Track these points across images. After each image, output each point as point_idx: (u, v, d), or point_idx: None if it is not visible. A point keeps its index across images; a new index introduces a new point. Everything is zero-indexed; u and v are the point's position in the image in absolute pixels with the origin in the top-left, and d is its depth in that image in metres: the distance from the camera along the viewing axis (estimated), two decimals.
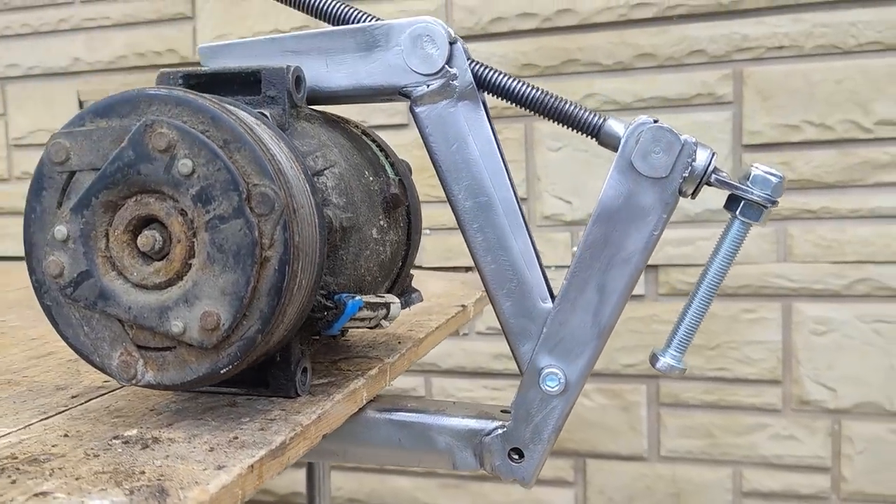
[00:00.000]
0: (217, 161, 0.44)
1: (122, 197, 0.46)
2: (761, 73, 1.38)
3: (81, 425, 0.49)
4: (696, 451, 1.47)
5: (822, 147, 1.37)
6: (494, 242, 0.55)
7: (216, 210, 0.44)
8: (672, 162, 0.51)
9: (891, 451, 1.38)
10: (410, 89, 0.54)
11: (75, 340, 0.48)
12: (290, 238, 0.44)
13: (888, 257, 1.35)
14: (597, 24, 1.44)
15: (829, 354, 1.40)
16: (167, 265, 0.46)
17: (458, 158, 0.55)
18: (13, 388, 0.58)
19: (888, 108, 1.33)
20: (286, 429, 0.48)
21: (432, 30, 0.53)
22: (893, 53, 1.33)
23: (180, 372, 0.47)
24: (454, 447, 0.57)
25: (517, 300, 0.55)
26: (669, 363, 0.55)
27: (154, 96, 0.46)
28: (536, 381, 0.55)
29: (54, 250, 0.47)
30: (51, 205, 0.47)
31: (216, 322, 0.44)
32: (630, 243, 0.52)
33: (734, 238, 0.53)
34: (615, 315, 0.54)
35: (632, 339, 1.48)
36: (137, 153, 0.45)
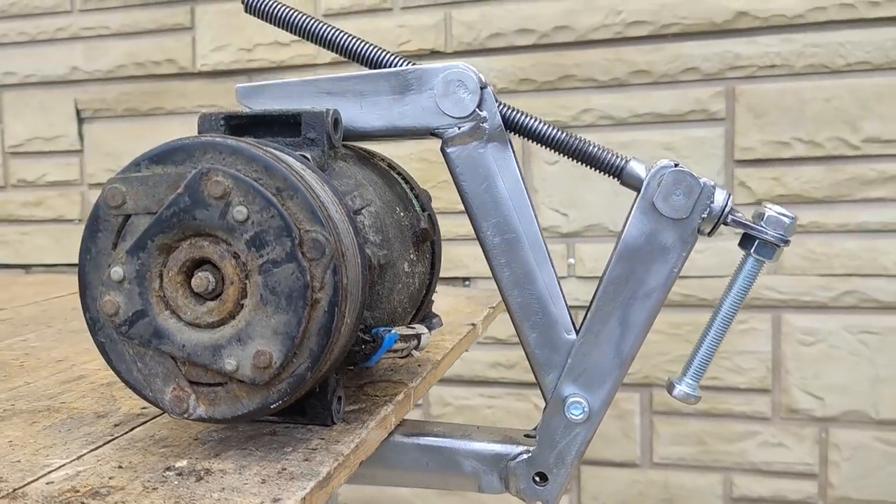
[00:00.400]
0: (271, 208, 0.46)
1: (176, 240, 0.48)
2: (753, 90, 1.42)
3: (132, 456, 0.51)
4: (688, 458, 1.51)
5: (812, 163, 1.42)
6: (521, 277, 0.57)
7: (269, 254, 0.46)
8: (692, 204, 0.54)
9: (876, 458, 1.43)
10: (442, 131, 0.57)
11: (128, 375, 0.50)
12: (339, 281, 0.47)
13: (874, 270, 1.40)
14: (593, 40, 1.47)
15: (817, 364, 1.44)
16: (220, 305, 0.48)
17: (486, 197, 0.57)
18: (55, 416, 0.60)
19: (875, 126, 1.38)
20: (329, 459, 0.50)
21: (464, 75, 0.56)
22: (881, 73, 1.37)
23: (231, 407, 0.49)
24: (480, 471, 0.60)
25: (542, 332, 0.58)
26: (685, 391, 0.58)
27: (209, 144, 0.48)
28: (561, 410, 0.57)
29: (110, 290, 0.49)
30: (106, 246, 0.49)
31: (269, 360, 0.47)
32: (651, 279, 0.55)
33: (748, 274, 0.56)
34: (636, 347, 0.57)
35: None
36: (193, 199, 0.47)
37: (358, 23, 1.58)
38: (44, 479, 0.48)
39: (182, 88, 1.70)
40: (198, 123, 0.56)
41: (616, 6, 1.45)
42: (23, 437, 0.56)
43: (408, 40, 1.56)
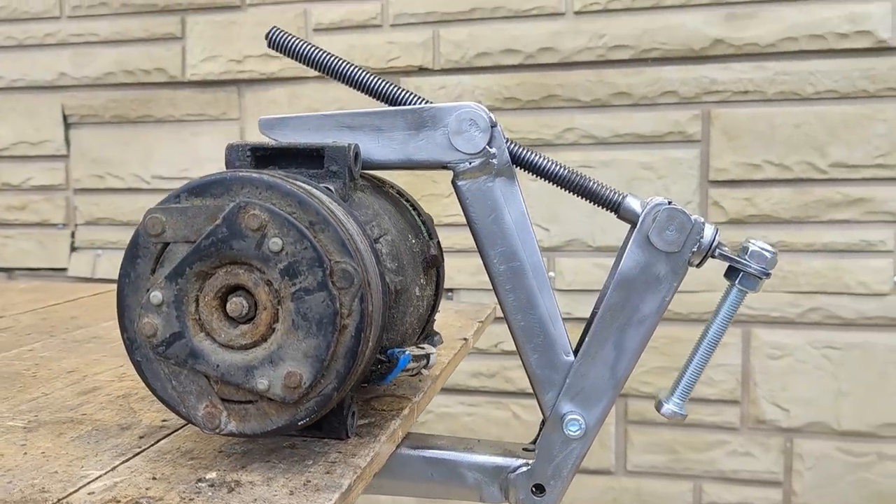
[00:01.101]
0: (304, 241, 0.50)
1: (213, 267, 0.52)
2: (727, 114, 1.49)
3: (163, 467, 0.55)
4: (660, 466, 1.57)
5: (781, 185, 1.49)
6: (524, 302, 0.62)
7: (302, 283, 0.50)
8: (684, 239, 0.59)
9: (837, 467, 1.50)
10: (454, 165, 0.61)
11: (163, 392, 0.53)
12: (365, 308, 0.51)
13: (838, 289, 1.47)
14: (577, 62, 1.53)
15: (784, 377, 1.51)
16: (253, 329, 0.52)
17: (494, 228, 0.62)
18: (80, 428, 0.63)
19: (842, 152, 1.45)
20: (349, 472, 0.54)
21: (476, 115, 0.60)
22: (848, 101, 1.45)
23: (261, 423, 0.53)
24: (482, 482, 0.64)
25: (543, 353, 0.62)
26: (673, 409, 0.63)
27: (246, 179, 0.52)
28: (559, 426, 0.62)
29: (149, 313, 0.52)
30: (144, 271, 0.53)
31: (298, 381, 0.51)
32: (645, 307, 0.60)
33: (732, 303, 0.62)
34: (629, 369, 0.61)
35: None
36: (231, 231, 0.51)
37: (348, 38, 1.62)
38: (84, 489, 0.51)
39: (171, 97, 1.73)
40: (225, 153, 0.60)
41: (599, 30, 1.51)
42: (54, 448, 0.59)
43: (397, 56, 1.60)
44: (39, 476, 0.53)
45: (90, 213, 1.79)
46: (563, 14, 1.53)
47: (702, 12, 1.47)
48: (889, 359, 1.47)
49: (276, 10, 1.65)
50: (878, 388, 1.47)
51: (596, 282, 1.54)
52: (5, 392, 0.73)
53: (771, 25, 1.45)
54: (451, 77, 1.57)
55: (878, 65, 1.43)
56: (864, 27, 1.42)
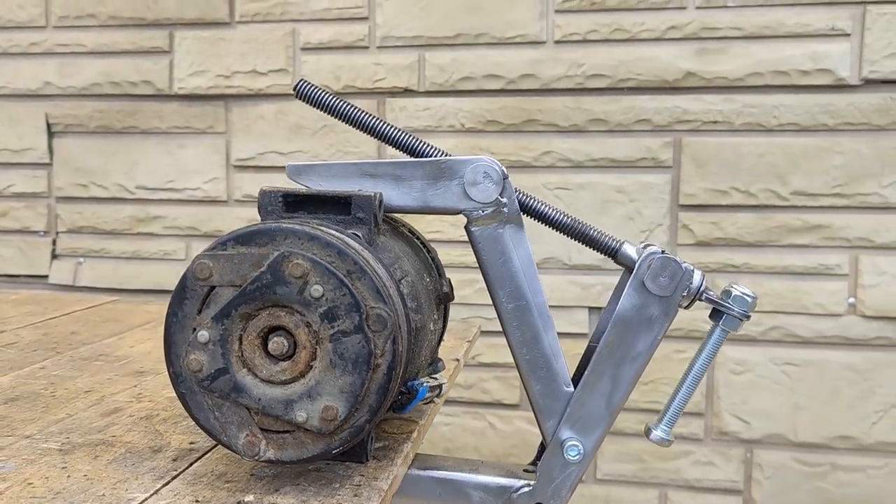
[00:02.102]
0: (343, 288, 0.55)
1: (256, 309, 0.57)
2: (697, 142, 1.57)
3: (202, 490, 0.60)
4: (629, 475, 1.65)
5: (746, 211, 1.58)
6: (530, 337, 0.68)
7: (340, 326, 0.56)
8: (675, 284, 0.66)
9: (793, 477, 1.59)
10: (468, 213, 0.67)
11: (205, 422, 0.58)
12: (397, 349, 0.56)
13: (797, 309, 1.57)
14: (556, 89, 1.60)
15: (745, 391, 1.60)
16: (292, 366, 0.57)
17: (503, 270, 0.68)
18: (113, 450, 0.67)
19: (802, 181, 1.55)
20: (374, 494, 0.60)
21: (490, 168, 0.66)
22: (808, 134, 1.54)
23: (297, 451, 0.58)
24: (486, 501, 0.70)
25: (545, 384, 0.68)
26: (661, 436, 0.70)
27: (289, 231, 0.57)
28: (559, 451, 0.68)
29: (195, 350, 0.57)
30: (191, 311, 0.58)
31: (335, 414, 0.56)
32: (639, 345, 0.67)
33: (715, 342, 0.68)
34: (624, 400, 0.68)
35: None
36: (275, 277, 0.56)
37: (335, 58, 1.66)
38: None
39: (158, 109, 1.75)
40: (258, 198, 0.65)
41: (578, 60, 1.58)
42: (94, 470, 0.63)
43: (383, 78, 1.65)
44: (89, 499, 0.57)
45: (72, 222, 1.81)
46: (544, 43, 1.60)
47: (675, 46, 1.55)
48: (842, 375, 1.56)
49: (266, 29, 1.69)
50: (832, 402, 1.57)
51: (571, 298, 1.61)
52: (31, 413, 0.77)
53: (739, 61, 1.54)
54: (436, 99, 1.63)
55: (837, 101, 1.52)
56: (824, 66, 1.51)
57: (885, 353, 1.56)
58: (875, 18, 1.49)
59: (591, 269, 1.62)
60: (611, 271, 1.61)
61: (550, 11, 1.59)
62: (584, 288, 1.61)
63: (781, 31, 1.52)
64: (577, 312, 1.62)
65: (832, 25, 1.51)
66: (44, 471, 0.62)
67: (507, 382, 1.67)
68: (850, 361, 1.56)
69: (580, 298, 1.61)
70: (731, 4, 1.53)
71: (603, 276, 1.61)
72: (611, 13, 1.56)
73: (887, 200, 1.53)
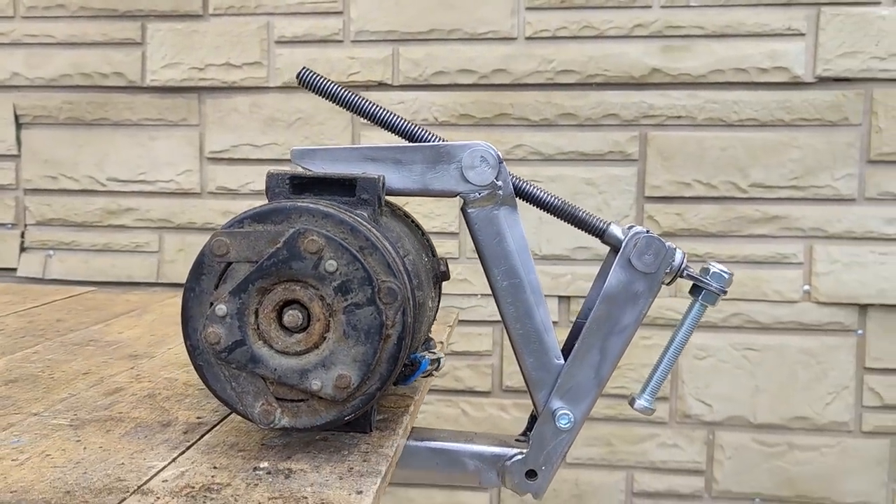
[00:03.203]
0: (356, 263, 0.59)
1: (272, 284, 0.60)
2: (662, 137, 1.64)
3: (217, 459, 0.62)
4: (597, 458, 1.71)
5: (708, 202, 1.64)
6: (523, 313, 0.72)
7: (353, 299, 0.59)
8: (659, 262, 0.70)
9: (753, 457, 1.67)
10: (465, 195, 0.71)
11: (222, 393, 0.61)
12: (406, 320, 0.60)
13: (757, 296, 1.64)
14: (527, 84, 1.64)
15: (708, 376, 1.67)
16: (307, 337, 0.60)
17: (498, 249, 0.72)
18: (124, 425, 0.69)
19: (761, 174, 1.62)
20: (382, 460, 0.63)
21: (487, 153, 0.70)
22: (767, 129, 1.61)
23: (311, 418, 0.61)
24: (481, 469, 0.74)
25: (538, 357, 0.72)
26: (644, 404, 0.74)
27: (304, 209, 0.60)
28: (551, 420, 0.72)
29: (213, 323, 0.60)
30: (208, 286, 0.60)
31: (348, 382, 0.59)
32: (625, 319, 0.71)
33: (695, 316, 0.73)
34: (611, 371, 0.72)
35: None
36: (291, 253, 0.59)
37: (310, 51, 1.69)
38: (156, 478, 0.58)
39: (129, 101, 1.75)
40: (266, 179, 0.67)
41: (548, 56, 1.63)
42: (108, 443, 0.65)
43: (357, 71, 1.67)
44: (109, 467, 0.60)
45: (42, 214, 1.80)
46: (516, 39, 1.64)
47: (642, 43, 1.61)
48: (799, 359, 1.64)
49: (240, 21, 1.70)
50: (790, 385, 1.65)
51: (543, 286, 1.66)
52: (33, 393, 0.78)
53: (702, 59, 1.60)
54: (410, 93, 1.66)
55: (793, 97, 1.60)
56: (781, 64, 1.59)
57: (837, 338, 1.64)
58: (829, 19, 1.57)
59: (561, 260, 1.67)
60: (580, 262, 1.66)
61: (521, 8, 1.63)
62: (555, 278, 1.66)
63: (741, 31, 1.59)
64: (547, 302, 1.67)
65: (788, 25, 1.58)
66: (59, 444, 0.64)
67: (479, 370, 1.71)
68: (805, 346, 1.64)
69: (550, 288, 1.66)
70: (694, 4, 1.60)
71: (573, 266, 1.66)
72: (580, 11, 1.62)
73: (839, 192, 1.61)
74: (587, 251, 1.66)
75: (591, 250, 1.66)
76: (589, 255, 1.67)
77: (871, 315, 1.63)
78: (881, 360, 1.63)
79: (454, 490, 1.71)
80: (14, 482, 0.56)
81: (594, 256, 1.67)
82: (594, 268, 1.70)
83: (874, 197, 1.61)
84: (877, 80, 1.58)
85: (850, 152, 1.60)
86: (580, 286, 1.66)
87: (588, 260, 1.67)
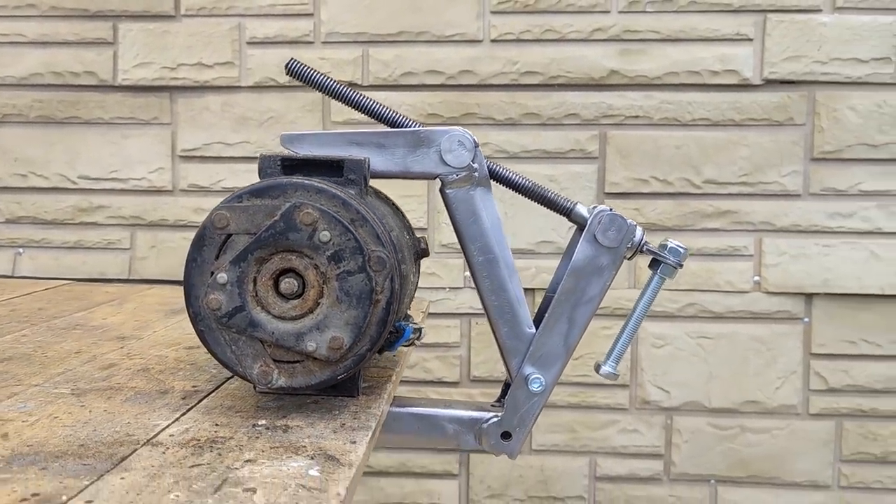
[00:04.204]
0: (348, 233, 0.64)
1: (269, 254, 0.65)
2: (621, 135, 1.72)
3: (218, 418, 0.67)
4: (561, 444, 1.77)
5: (664, 198, 1.73)
6: (497, 286, 0.78)
7: (345, 266, 0.64)
8: (621, 237, 0.77)
9: (708, 440, 1.75)
10: (444, 177, 0.77)
11: (223, 356, 0.66)
12: (394, 286, 0.65)
13: (710, 287, 1.73)
14: (493, 85, 1.71)
15: (665, 363, 1.75)
16: (302, 303, 0.65)
17: (474, 227, 0.77)
18: (123, 393, 0.73)
19: (713, 171, 1.71)
20: (371, 418, 0.68)
21: (464, 137, 0.76)
22: (718, 128, 1.70)
23: (306, 378, 0.66)
24: (460, 432, 0.80)
25: (511, 327, 0.78)
26: (608, 370, 0.81)
27: (299, 185, 0.65)
28: (524, 384, 0.78)
29: (214, 290, 0.64)
30: (209, 257, 0.65)
31: (341, 343, 0.64)
32: (591, 290, 0.78)
33: (654, 288, 0.80)
34: (578, 339, 0.79)
35: None
36: (287, 225, 0.64)
37: (281, 52, 1.73)
38: (163, 433, 0.63)
39: (101, 100, 1.77)
40: (259, 161, 0.72)
41: (513, 58, 1.70)
42: (111, 407, 0.69)
43: (328, 72, 1.72)
44: (117, 426, 0.64)
45: (11, 212, 1.81)
46: (481, 41, 1.71)
47: (601, 47, 1.69)
48: (749, 346, 1.73)
49: (211, 22, 1.74)
50: (741, 371, 1.74)
51: None
52: (30, 369, 0.81)
53: (658, 61, 1.69)
54: (379, 93, 1.71)
55: (742, 99, 1.70)
56: (731, 67, 1.68)
57: (786, 326, 1.74)
58: (774, 25, 1.67)
59: (525, 253, 1.74)
60: (543, 255, 1.73)
61: (487, 12, 1.70)
62: (519, 271, 1.72)
63: (694, 35, 1.68)
64: None
65: (737, 31, 1.68)
66: (64, 408, 0.68)
67: (448, 361, 1.77)
68: (756, 333, 1.73)
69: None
70: (650, 10, 1.68)
71: (536, 259, 1.73)
72: (542, 15, 1.69)
73: (786, 188, 1.71)
74: (550, 245, 1.73)
75: (554, 244, 1.73)
76: (552, 248, 1.74)
77: (816, 304, 1.73)
78: (826, 346, 1.73)
79: (423, 479, 1.76)
80: (28, 438, 0.60)
81: (556, 250, 1.74)
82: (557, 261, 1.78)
83: (818, 193, 1.71)
84: (819, 82, 1.68)
85: (795, 150, 1.70)
86: (544, 279, 1.72)
87: (551, 253, 1.74)
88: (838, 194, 1.70)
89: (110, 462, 0.55)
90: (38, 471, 0.53)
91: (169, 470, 0.54)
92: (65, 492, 0.49)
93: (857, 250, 1.70)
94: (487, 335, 1.76)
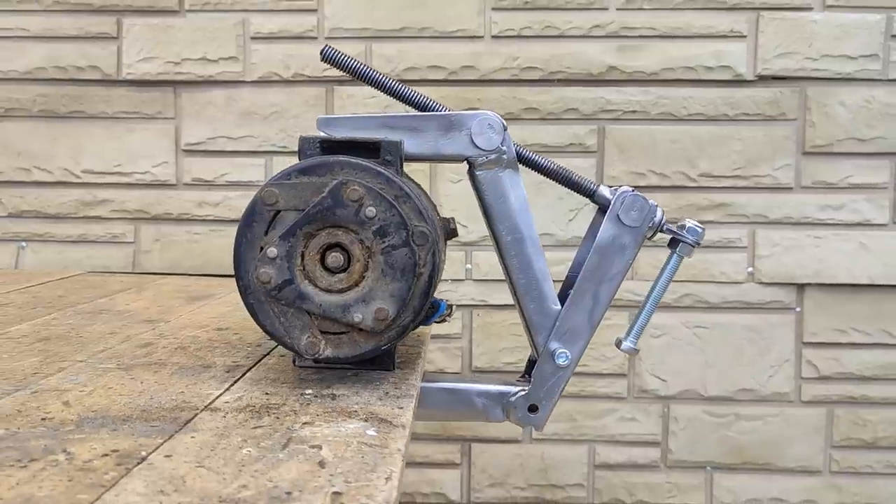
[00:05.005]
0: (393, 209, 0.67)
1: (317, 229, 0.67)
2: (619, 130, 1.76)
3: (266, 387, 0.69)
4: (561, 433, 1.81)
5: (661, 191, 1.77)
6: (525, 264, 0.81)
7: (390, 241, 0.67)
8: (643, 217, 0.81)
9: (704, 428, 1.80)
10: (474, 159, 0.80)
11: (272, 328, 0.68)
12: (436, 260, 0.68)
13: (706, 278, 1.77)
14: (494, 80, 1.75)
15: (662, 353, 1.79)
16: (348, 276, 0.68)
17: (502, 208, 0.81)
18: (169, 368, 0.76)
19: (708, 164, 1.76)
20: (411, 388, 0.71)
21: (494, 120, 0.79)
22: (713, 123, 1.75)
23: (352, 349, 0.69)
24: (488, 405, 0.83)
25: (538, 304, 0.82)
26: (629, 346, 0.84)
27: (345, 163, 0.68)
28: (550, 359, 0.82)
29: (265, 265, 0.67)
30: (259, 233, 0.68)
31: (386, 315, 0.67)
32: (614, 268, 0.81)
33: (672, 266, 0.84)
34: (602, 315, 0.82)
35: (512, 342, 1.79)
36: (335, 201, 0.67)
37: (285, 47, 1.75)
38: (219, 400, 0.65)
39: (105, 95, 1.78)
40: (298, 142, 0.75)
41: (514, 53, 1.74)
42: (161, 379, 0.71)
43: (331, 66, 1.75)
44: (172, 395, 0.66)
45: (14, 206, 1.81)
46: (483, 37, 1.74)
47: (600, 43, 1.73)
48: (744, 335, 1.78)
49: (216, 17, 1.76)
50: (736, 359, 1.79)
51: None
52: (70, 348, 0.83)
53: (655, 57, 1.73)
54: None
55: (736, 94, 1.75)
56: (725, 63, 1.73)
57: (778, 316, 1.79)
58: (767, 22, 1.72)
59: None
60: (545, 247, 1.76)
61: (488, 9, 1.74)
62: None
63: (690, 32, 1.73)
64: None
65: (732, 28, 1.73)
66: (116, 381, 0.70)
67: (450, 353, 1.80)
68: (750, 323, 1.78)
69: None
70: (647, 7, 1.73)
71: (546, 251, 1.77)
72: (542, 11, 1.73)
73: (778, 181, 1.76)
74: (550, 237, 1.77)
75: (554, 237, 1.77)
76: (552, 241, 1.77)
77: (808, 294, 1.78)
78: (817, 335, 1.78)
79: (425, 468, 1.79)
80: (90, 406, 0.63)
81: (556, 242, 1.77)
82: (558, 253, 1.81)
83: (809, 186, 1.76)
84: (810, 78, 1.73)
85: (787, 145, 1.75)
86: None
87: (553, 245, 1.77)
88: (829, 187, 1.76)
89: (176, 424, 0.58)
90: (109, 431, 0.56)
91: (234, 431, 0.57)
92: (142, 448, 0.52)
93: (848, 242, 1.76)
94: (489, 326, 1.80)
